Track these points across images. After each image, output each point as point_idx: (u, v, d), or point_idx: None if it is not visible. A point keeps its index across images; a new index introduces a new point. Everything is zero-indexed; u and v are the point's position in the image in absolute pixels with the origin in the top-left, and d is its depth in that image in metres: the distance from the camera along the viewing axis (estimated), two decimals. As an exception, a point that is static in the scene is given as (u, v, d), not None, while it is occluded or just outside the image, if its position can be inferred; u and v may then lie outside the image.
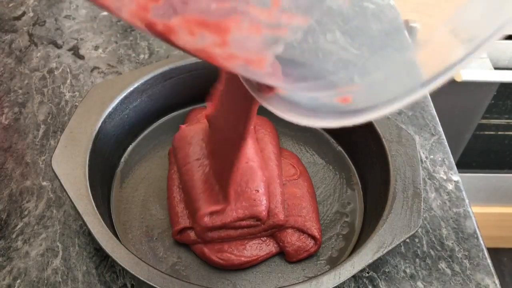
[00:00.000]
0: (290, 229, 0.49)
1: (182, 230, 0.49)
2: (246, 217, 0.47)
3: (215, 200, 0.47)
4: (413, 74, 0.24)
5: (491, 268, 0.49)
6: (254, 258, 0.48)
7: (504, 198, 1.18)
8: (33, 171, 0.55)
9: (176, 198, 0.51)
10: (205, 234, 0.47)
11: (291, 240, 0.48)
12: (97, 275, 0.47)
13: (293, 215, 0.49)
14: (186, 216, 0.49)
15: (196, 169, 0.49)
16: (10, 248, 0.49)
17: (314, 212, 0.50)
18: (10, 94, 0.63)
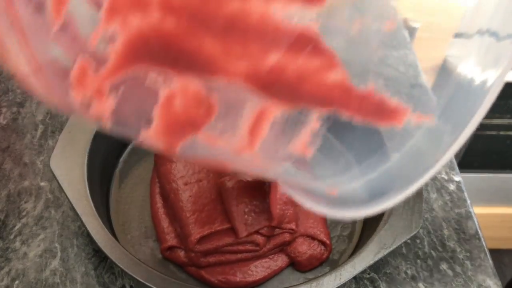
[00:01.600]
0: (300, 237, 0.47)
1: (170, 247, 0.47)
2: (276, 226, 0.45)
3: (206, 222, 0.45)
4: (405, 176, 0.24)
5: (492, 269, 0.48)
6: (261, 277, 0.46)
7: (506, 198, 1.18)
8: (31, 172, 0.54)
9: (160, 212, 0.49)
10: (199, 260, 0.45)
11: (302, 249, 0.47)
12: (95, 276, 0.47)
13: (302, 223, 0.48)
14: (173, 234, 0.47)
15: (182, 188, 0.47)
16: (8, 249, 0.48)
17: (322, 217, 0.49)
18: (8, 94, 0.62)
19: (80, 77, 0.20)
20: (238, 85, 0.20)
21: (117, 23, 0.19)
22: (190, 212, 0.46)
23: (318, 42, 0.19)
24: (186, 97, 0.20)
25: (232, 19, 0.19)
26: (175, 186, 0.48)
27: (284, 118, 0.21)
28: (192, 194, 0.47)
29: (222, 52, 0.19)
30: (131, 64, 0.20)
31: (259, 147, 0.23)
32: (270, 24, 0.19)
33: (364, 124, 0.22)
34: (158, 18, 0.19)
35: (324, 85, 0.20)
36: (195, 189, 0.48)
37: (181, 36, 0.19)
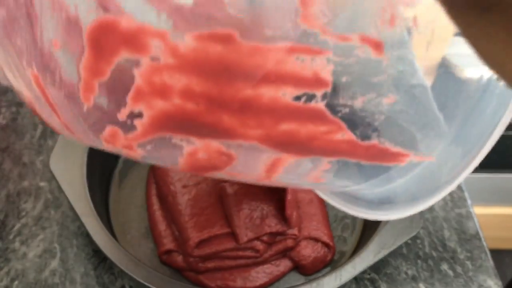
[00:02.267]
0: (304, 241, 0.47)
1: (167, 251, 0.46)
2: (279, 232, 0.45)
3: (205, 226, 0.45)
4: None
5: (493, 270, 0.48)
6: (262, 283, 0.45)
7: (507, 198, 1.17)
8: (30, 172, 0.54)
9: (157, 214, 0.49)
10: (198, 265, 0.45)
11: (306, 253, 0.46)
12: (95, 277, 0.47)
13: (306, 226, 0.47)
14: (170, 237, 0.47)
15: (181, 191, 0.47)
16: (8, 249, 0.48)
17: (325, 218, 0.49)
18: (7, 94, 0.62)
19: (110, 137, 0.23)
20: (255, 144, 0.22)
21: (142, 106, 0.21)
22: (188, 216, 0.46)
23: (325, 114, 0.22)
24: (208, 152, 0.23)
25: (246, 102, 0.21)
26: (173, 188, 0.48)
27: (296, 163, 0.24)
28: (191, 197, 0.47)
29: (239, 124, 0.21)
30: (156, 133, 0.22)
31: (276, 179, 0.25)
32: (280, 104, 0.21)
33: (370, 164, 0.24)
34: (179, 103, 0.21)
35: (333, 142, 0.23)
36: (193, 192, 0.47)
37: (201, 115, 0.21)
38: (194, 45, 0.20)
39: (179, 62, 0.20)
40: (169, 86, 0.21)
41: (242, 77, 0.20)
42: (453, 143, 0.26)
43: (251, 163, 0.24)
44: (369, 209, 0.27)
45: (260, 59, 0.20)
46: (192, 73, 0.20)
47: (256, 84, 0.20)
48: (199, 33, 0.20)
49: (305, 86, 0.21)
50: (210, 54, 0.20)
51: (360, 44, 0.21)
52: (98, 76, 0.21)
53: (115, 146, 0.24)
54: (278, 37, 0.20)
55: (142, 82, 0.21)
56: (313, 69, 0.21)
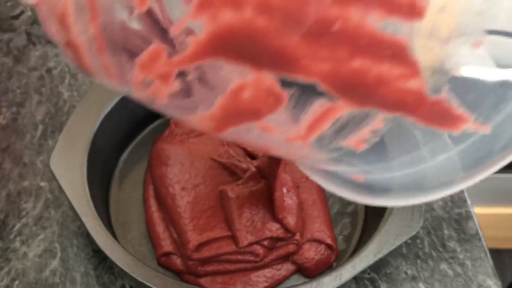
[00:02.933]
0: (307, 243, 0.46)
1: (166, 254, 0.46)
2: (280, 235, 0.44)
3: (204, 229, 0.44)
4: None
5: (493, 269, 0.48)
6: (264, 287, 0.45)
7: (507, 198, 1.17)
8: (31, 172, 0.54)
9: (155, 216, 0.48)
10: (197, 268, 0.44)
11: (309, 255, 0.46)
12: (95, 277, 0.47)
13: (309, 228, 0.46)
14: (169, 240, 0.46)
15: (180, 193, 0.47)
16: (8, 249, 0.48)
17: (327, 219, 0.48)
18: (7, 94, 0.62)
19: (150, 60, 0.20)
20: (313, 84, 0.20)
21: (206, 16, 0.18)
22: (188, 219, 0.45)
23: (406, 53, 0.19)
24: (257, 90, 0.20)
25: (328, 23, 0.18)
26: (172, 191, 0.47)
27: (349, 117, 0.21)
28: (190, 200, 0.46)
29: (308, 53, 0.19)
30: (209, 57, 0.19)
31: (314, 139, 0.23)
32: (365, 32, 0.19)
33: (424, 127, 0.22)
34: (250, 16, 0.18)
35: (400, 91, 0.20)
36: (192, 194, 0.47)
37: (269, 35, 0.18)
38: None
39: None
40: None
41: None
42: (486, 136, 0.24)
43: (298, 113, 0.21)
44: (364, 193, 0.26)
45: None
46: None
47: (346, 3, 0.18)
48: None
49: (398, 13, 0.18)
50: None
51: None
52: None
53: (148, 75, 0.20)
54: None
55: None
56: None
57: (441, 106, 0.21)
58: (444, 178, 0.25)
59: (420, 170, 0.25)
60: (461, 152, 0.24)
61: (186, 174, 0.48)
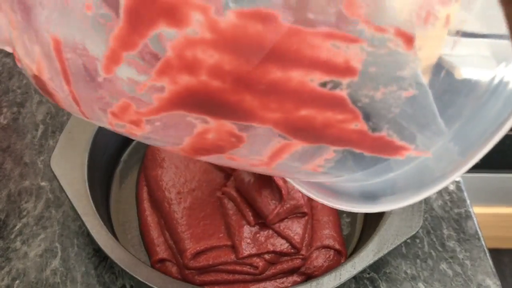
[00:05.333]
0: (316, 251, 0.45)
1: (161, 260, 0.45)
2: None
3: (202, 237, 0.44)
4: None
5: (492, 269, 0.49)
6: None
7: (506, 198, 1.18)
8: (31, 171, 0.54)
9: (149, 220, 0.48)
10: (194, 278, 0.43)
11: (318, 263, 0.45)
12: (96, 276, 0.47)
13: (318, 235, 0.46)
14: (163, 246, 0.46)
15: (176, 198, 0.46)
16: (9, 248, 0.48)
17: (336, 224, 0.48)
18: (8, 94, 0.62)
19: (120, 111, 0.23)
20: (268, 128, 0.22)
21: (166, 80, 0.21)
22: (185, 226, 0.45)
23: (346, 103, 0.22)
24: (219, 133, 0.23)
25: (273, 84, 0.21)
26: (168, 195, 0.47)
27: (303, 150, 0.24)
28: (187, 206, 0.46)
29: (259, 106, 0.21)
30: (172, 110, 0.22)
31: (275, 166, 0.26)
32: (306, 89, 0.21)
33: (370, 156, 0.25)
34: (205, 80, 0.21)
35: (345, 131, 0.23)
36: (189, 200, 0.46)
37: (225, 94, 0.21)
38: (234, 21, 0.19)
39: (216, 37, 0.20)
40: (200, 61, 0.20)
41: (275, 58, 0.20)
42: (452, 141, 0.26)
43: (258, 147, 0.24)
44: (350, 202, 0.28)
45: (297, 42, 0.20)
46: (226, 50, 0.20)
47: (288, 67, 0.20)
48: (242, 10, 0.19)
49: (334, 73, 0.21)
50: (249, 32, 0.20)
51: (394, 37, 0.21)
52: (128, 48, 0.21)
53: (120, 121, 0.23)
54: (320, 22, 0.20)
55: (173, 55, 0.20)
56: (346, 57, 0.21)
57: (383, 140, 0.24)
58: (439, 171, 0.26)
59: (389, 178, 0.27)
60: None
61: (181, 177, 0.48)
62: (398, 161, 0.26)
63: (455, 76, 0.25)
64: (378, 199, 0.27)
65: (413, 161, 0.26)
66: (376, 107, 0.23)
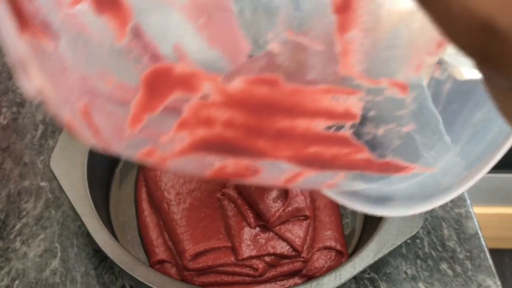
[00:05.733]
0: (317, 252, 0.45)
1: (160, 261, 0.45)
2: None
3: (201, 239, 0.44)
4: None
5: (492, 269, 0.48)
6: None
7: (506, 198, 1.17)
8: (31, 172, 0.54)
9: (148, 221, 0.47)
10: (193, 279, 0.43)
11: (319, 264, 0.44)
12: (95, 276, 0.47)
13: (320, 237, 0.45)
14: (163, 247, 0.45)
15: (175, 199, 0.46)
16: (9, 249, 0.48)
17: (339, 225, 0.47)
18: (8, 94, 0.62)
19: (145, 156, 0.25)
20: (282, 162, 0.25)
21: (185, 133, 0.24)
22: (185, 227, 0.44)
23: (350, 140, 0.25)
24: (236, 167, 0.25)
25: (282, 131, 0.23)
26: (167, 196, 0.47)
27: (316, 176, 0.26)
28: (186, 207, 0.46)
29: (271, 147, 0.24)
30: (192, 153, 0.24)
31: (291, 185, 0.29)
32: (312, 133, 0.24)
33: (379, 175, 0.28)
34: (220, 131, 0.23)
35: (352, 161, 0.25)
36: (188, 201, 0.46)
37: (238, 140, 0.24)
38: (241, 87, 0.22)
39: (226, 99, 0.22)
40: (213, 118, 0.23)
41: (281, 112, 0.23)
42: (458, 155, 0.28)
43: (274, 175, 0.26)
44: (367, 204, 0.29)
45: (299, 99, 0.23)
46: (236, 109, 0.23)
47: (293, 118, 0.23)
48: (248, 78, 0.22)
49: (336, 119, 0.24)
50: (255, 94, 0.22)
51: (389, 86, 0.24)
52: (148, 111, 0.23)
53: (147, 160, 0.26)
54: (318, 81, 0.23)
55: (189, 115, 0.23)
56: (345, 106, 0.24)
57: (389, 164, 0.27)
58: (444, 184, 0.29)
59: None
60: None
61: (180, 178, 0.48)
62: (401, 177, 0.28)
63: (457, 77, 0.25)
64: (388, 203, 0.29)
65: (419, 175, 0.28)
66: (379, 141, 0.26)
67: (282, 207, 0.43)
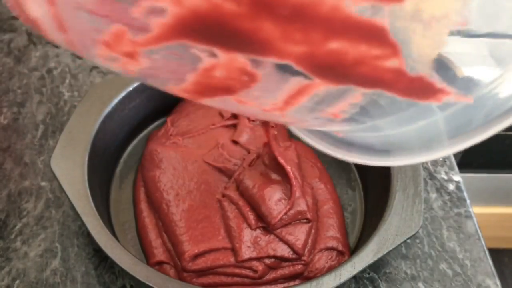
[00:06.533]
0: (318, 253, 0.45)
1: (159, 263, 0.45)
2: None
3: (200, 240, 0.43)
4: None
5: (492, 269, 0.49)
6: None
7: (506, 198, 1.18)
8: (32, 172, 0.54)
9: (146, 222, 0.47)
10: (192, 280, 0.43)
11: (319, 265, 0.44)
12: (96, 276, 0.47)
13: (322, 238, 0.45)
14: (161, 248, 0.45)
15: (174, 200, 0.46)
16: (9, 248, 0.48)
17: (342, 225, 0.47)
18: (8, 94, 0.62)
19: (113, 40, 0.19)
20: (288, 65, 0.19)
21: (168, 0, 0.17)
22: (184, 228, 0.44)
23: (385, 35, 0.19)
24: (229, 70, 0.19)
25: (300, 9, 0.17)
26: (166, 197, 0.46)
27: (326, 93, 0.21)
28: (185, 208, 0.45)
29: (280, 36, 0.18)
30: (175, 39, 0.18)
31: (291, 111, 0.22)
32: (340, 16, 0.18)
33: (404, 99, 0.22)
34: (217, 1, 0.17)
35: (379, 69, 0.20)
36: (187, 202, 0.46)
37: (239, 19, 0.17)
38: None
39: None
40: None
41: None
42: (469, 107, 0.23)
43: (273, 88, 0.21)
44: (362, 154, 0.25)
45: None
46: None
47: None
48: None
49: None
50: None
51: None
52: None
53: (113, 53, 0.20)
54: None
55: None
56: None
57: (422, 82, 0.21)
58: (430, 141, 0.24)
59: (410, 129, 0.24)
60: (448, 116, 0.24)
61: (179, 179, 0.47)
62: (428, 108, 0.23)
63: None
64: (391, 153, 0.25)
65: (448, 108, 0.23)
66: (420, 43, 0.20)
67: (285, 210, 0.43)
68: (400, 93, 0.21)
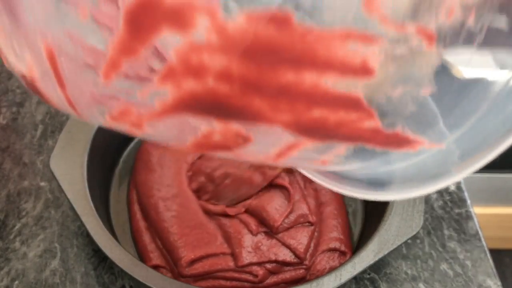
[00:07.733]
0: (320, 255, 0.45)
1: (155, 267, 0.44)
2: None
3: (196, 245, 0.43)
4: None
5: (493, 269, 0.48)
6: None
7: (507, 199, 1.17)
8: (31, 172, 0.54)
9: (140, 225, 0.47)
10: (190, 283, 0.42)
11: (321, 266, 0.44)
12: (95, 277, 0.47)
13: (324, 239, 0.45)
14: (156, 252, 0.45)
15: (162, 205, 0.45)
16: (8, 249, 0.48)
17: (345, 226, 0.47)
18: (7, 94, 0.62)
19: (119, 116, 0.22)
20: (278, 129, 0.21)
21: (169, 86, 0.20)
22: (177, 235, 0.44)
23: (361, 103, 0.21)
24: (224, 135, 0.22)
25: (285, 87, 0.20)
26: (153, 202, 0.46)
27: (313, 147, 0.23)
28: (175, 215, 0.45)
29: (269, 108, 0.20)
30: (176, 114, 0.21)
31: (283, 161, 0.25)
32: (319, 90, 0.20)
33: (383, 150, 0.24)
34: (212, 85, 0.19)
35: (358, 129, 0.22)
36: (174, 207, 0.45)
37: (231, 98, 0.20)
38: (244, 26, 0.18)
39: (224, 42, 0.18)
40: (206, 66, 0.19)
41: (287, 61, 0.19)
42: (455, 143, 0.25)
43: (266, 146, 0.23)
44: (357, 188, 0.27)
45: (312, 44, 0.19)
46: (234, 54, 0.19)
47: (301, 69, 0.19)
48: (253, 13, 0.18)
49: (349, 74, 0.20)
50: (259, 36, 0.18)
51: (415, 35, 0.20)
52: (128, 55, 0.19)
53: (121, 124, 0.22)
54: (336, 22, 0.19)
55: (177, 61, 0.19)
56: (363, 57, 0.20)
57: (397, 136, 0.23)
58: (440, 169, 0.26)
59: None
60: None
61: (165, 182, 0.47)
62: (403, 154, 0.25)
63: (456, 75, 0.24)
64: (385, 187, 0.26)
65: (424, 153, 0.25)
66: (392, 106, 0.22)
67: (286, 213, 0.43)
68: (378, 145, 0.24)
